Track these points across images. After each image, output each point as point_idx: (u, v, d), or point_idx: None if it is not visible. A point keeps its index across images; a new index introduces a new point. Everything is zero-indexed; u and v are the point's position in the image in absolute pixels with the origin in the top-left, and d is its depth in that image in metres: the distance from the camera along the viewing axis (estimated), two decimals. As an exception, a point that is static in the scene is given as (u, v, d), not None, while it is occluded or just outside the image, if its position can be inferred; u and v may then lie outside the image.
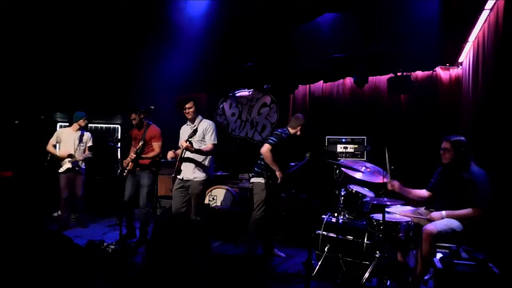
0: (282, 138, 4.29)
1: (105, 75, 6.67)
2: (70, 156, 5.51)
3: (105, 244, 4.29)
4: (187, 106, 4.38)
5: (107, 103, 7.32)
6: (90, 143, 5.85)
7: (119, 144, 6.58)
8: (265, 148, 4.23)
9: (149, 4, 5.08)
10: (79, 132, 5.72)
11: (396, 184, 3.68)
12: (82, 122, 5.70)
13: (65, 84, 6.64)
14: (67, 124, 7.45)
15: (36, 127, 5.67)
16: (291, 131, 4.41)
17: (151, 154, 4.87)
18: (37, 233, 3.40)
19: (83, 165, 5.74)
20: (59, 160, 5.51)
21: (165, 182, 6.56)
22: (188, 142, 4.13)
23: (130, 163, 4.79)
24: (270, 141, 4.27)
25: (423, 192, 3.75)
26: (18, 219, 5.30)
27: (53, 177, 5.57)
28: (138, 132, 4.94)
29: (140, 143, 4.77)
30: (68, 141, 5.63)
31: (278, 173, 4.21)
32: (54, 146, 5.66)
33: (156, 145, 4.90)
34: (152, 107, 4.78)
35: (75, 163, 5.58)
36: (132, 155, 4.78)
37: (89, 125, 7.77)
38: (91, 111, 7.52)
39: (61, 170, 5.53)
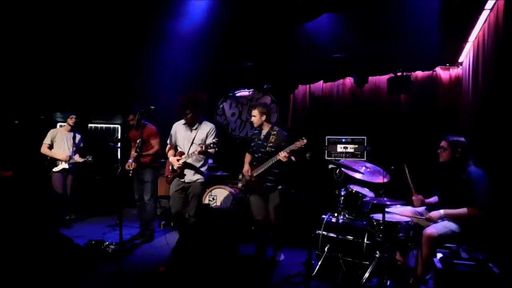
0: None
1: (105, 75, 6.67)
2: (69, 157, 5.53)
3: (105, 244, 4.31)
4: (186, 112, 4.36)
5: (107, 103, 7.33)
6: (81, 145, 5.88)
7: (119, 144, 6.59)
8: None
9: (149, 4, 5.08)
10: (71, 133, 5.74)
11: (421, 198, 3.70)
12: (69, 121, 5.70)
13: (65, 84, 6.64)
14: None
15: (36, 127, 5.68)
16: None
17: (151, 151, 5.00)
18: (36, 233, 3.40)
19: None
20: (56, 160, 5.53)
21: (165, 183, 6.55)
22: (204, 148, 4.07)
23: (133, 164, 4.84)
24: None
25: (435, 199, 3.76)
26: (18, 219, 5.29)
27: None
28: (135, 133, 5.02)
29: (139, 141, 4.79)
30: (61, 142, 5.65)
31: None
32: (50, 146, 5.66)
33: (155, 142, 5.02)
34: (152, 107, 4.78)
35: (71, 164, 5.58)
36: (134, 153, 4.82)
37: (89, 125, 7.78)
38: (91, 111, 7.55)
39: (55, 169, 5.55)
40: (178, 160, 4.30)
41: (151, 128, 5.06)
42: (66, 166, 5.57)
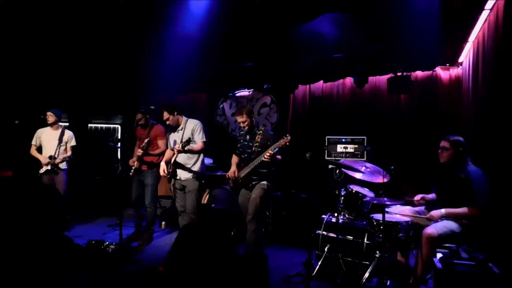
0: None
1: (105, 75, 6.67)
2: (50, 158, 5.36)
3: (105, 244, 4.30)
4: (164, 119, 4.47)
5: (107, 103, 7.33)
6: (72, 143, 5.60)
7: (119, 144, 6.59)
8: None
9: (149, 3, 5.09)
10: (58, 131, 5.52)
11: (421, 195, 3.71)
12: (47, 119, 5.47)
13: (65, 84, 6.64)
14: (67, 124, 7.46)
15: (36, 127, 5.65)
16: None
17: (156, 151, 4.96)
18: (36, 233, 3.40)
19: (65, 165, 5.49)
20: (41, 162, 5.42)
21: (165, 183, 6.55)
22: (180, 146, 4.17)
23: (136, 162, 4.85)
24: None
25: (433, 196, 3.75)
26: (18, 219, 5.30)
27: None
28: (143, 132, 5.01)
29: (146, 140, 4.81)
30: (47, 141, 5.47)
31: None
32: (40, 147, 5.52)
33: (161, 143, 4.97)
34: (152, 107, 4.85)
35: (54, 165, 5.38)
36: (140, 150, 4.81)
37: (89, 125, 7.78)
38: (91, 111, 7.56)
39: (41, 171, 5.40)
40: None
41: (159, 128, 5.01)
42: (49, 167, 5.38)
